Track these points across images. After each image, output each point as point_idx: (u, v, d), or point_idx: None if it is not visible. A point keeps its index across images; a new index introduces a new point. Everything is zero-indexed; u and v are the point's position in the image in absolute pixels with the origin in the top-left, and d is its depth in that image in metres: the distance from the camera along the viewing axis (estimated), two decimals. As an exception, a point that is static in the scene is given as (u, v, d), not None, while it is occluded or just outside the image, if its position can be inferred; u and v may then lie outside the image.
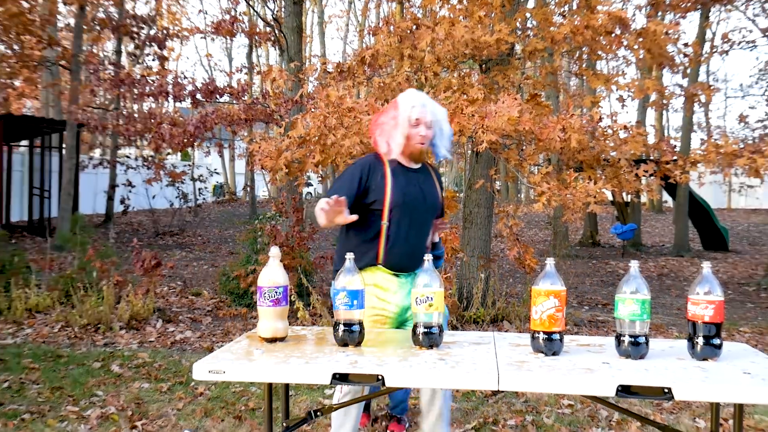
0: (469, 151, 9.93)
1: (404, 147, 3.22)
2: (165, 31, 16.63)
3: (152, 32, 16.11)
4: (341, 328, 2.56)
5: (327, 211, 2.92)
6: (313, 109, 6.43)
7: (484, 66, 7.67)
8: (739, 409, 2.35)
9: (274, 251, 2.66)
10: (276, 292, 2.59)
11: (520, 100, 6.03)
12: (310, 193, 41.93)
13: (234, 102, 13.51)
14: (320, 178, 7.23)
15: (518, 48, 7.76)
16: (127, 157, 19.32)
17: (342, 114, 6.04)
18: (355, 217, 3.01)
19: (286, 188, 9.38)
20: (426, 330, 2.53)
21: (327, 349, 2.54)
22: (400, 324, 3.27)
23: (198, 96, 12.38)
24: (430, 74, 7.27)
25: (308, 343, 2.65)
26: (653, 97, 7.79)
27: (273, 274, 2.61)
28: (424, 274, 2.55)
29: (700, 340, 2.38)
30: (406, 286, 3.24)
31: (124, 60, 19.81)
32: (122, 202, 18.13)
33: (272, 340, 2.62)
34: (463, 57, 7.29)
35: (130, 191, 17.78)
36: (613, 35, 6.94)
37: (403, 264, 3.23)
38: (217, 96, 12.59)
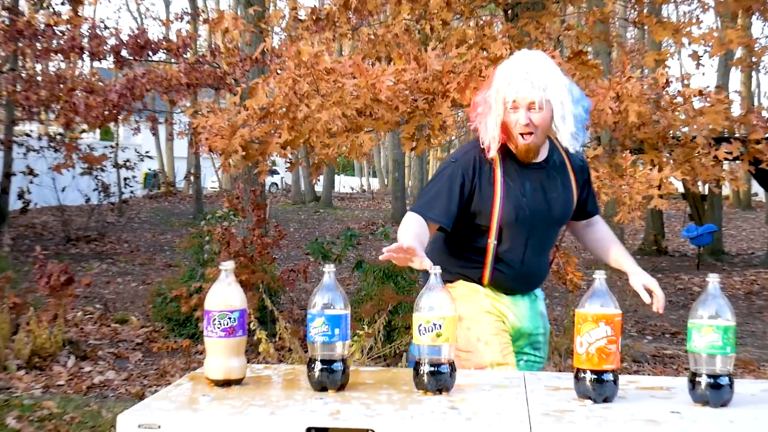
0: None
1: (504, 141, 3.09)
2: (78, -35, 16.59)
3: (61, -34, 16.06)
4: (318, 366, 2.56)
5: (395, 259, 2.80)
6: (278, 71, 6.42)
7: (510, 12, 7.68)
8: None
9: (228, 263, 2.66)
10: (229, 319, 2.59)
11: (560, 58, 6.04)
12: (276, 184, 42.00)
13: (172, 61, 13.50)
14: (288, 164, 7.22)
15: (556, -13, 7.79)
16: (27, 135, 19.25)
17: (318, 77, 6.03)
18: (429, 266, 2.73)
19: (243, 177, 9.37)
20: (432, 368, 2.53)
21: (299, 394, 2.54)
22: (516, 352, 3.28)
23: (123, 53, 12.37)
24: (437, 23, 7.27)
25: (274, 387, 2.64)
26: (738, 53, 7.80)
27: (225, 295, 2.60)
28: (430, 294, 2.55)
29: (803, 381, 2.38)
30: (523, 304, 3.30)
31: (23, 4, 19.75)
32: (21, 196, 18.08)
33: (225, 383, 2.62)
34: (482, 0, 7.30)
35: (31, 182, 17.72)
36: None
37: (516, 288, 3.28)
38: (150, 53, 12.59)
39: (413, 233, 2.97)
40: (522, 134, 3.02)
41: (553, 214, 3.19)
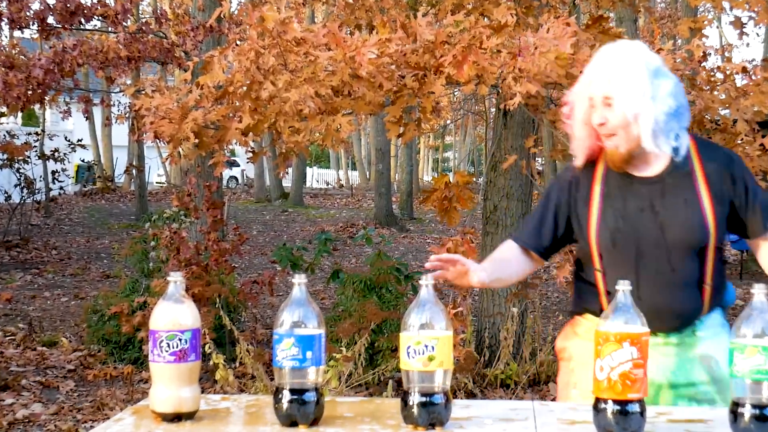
0: (493, 110, 9.95)
1: (593, 148, 3.13)
2: None
3: None
4: (287, 396, 2.56)
5: (446, 274, 2.97)
6: (238, 42, 6.41)
7: (516, -29, 7.70)
8: None
9: (177, 274, 2.65)
10: (180, 341, 2.59)
11: (576, 26, 6.06)
12: (236, 179, 41.96)
13: (109, 30, 13.46)
14: (251, 154, 7.21)
15: (571, -59, 7.81)
16: (-66, 120, 19.20)
17: (286, 49, 6.03)
18: (483, 281, 3.00)
19: (196, 171, 9.36)
20: (424, 399, 2.54)
21: (264, 430, 2.54)
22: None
23: (50, 20, 12.32)
24: (428, -16, 7.29)
25: (234, 422, 2.64)
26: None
27: (175, 312, 2.60)
28: (420, 309, 2.56)
29: None
30: (665, 349, 3.17)
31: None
32: (-74, 193, 18.01)
33: (175, 418, 2.62)
34: (482, -44, 7.32)
35: (-62, 176, 17.66)
36: None
37: (653, 328, 3.10)
38: (82, 20, 12.54)
39: (492, 256, 3.27)
40: (603, 136, 3.04)
41: (669, 238, 3.09)
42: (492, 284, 3.17)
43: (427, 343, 2.52)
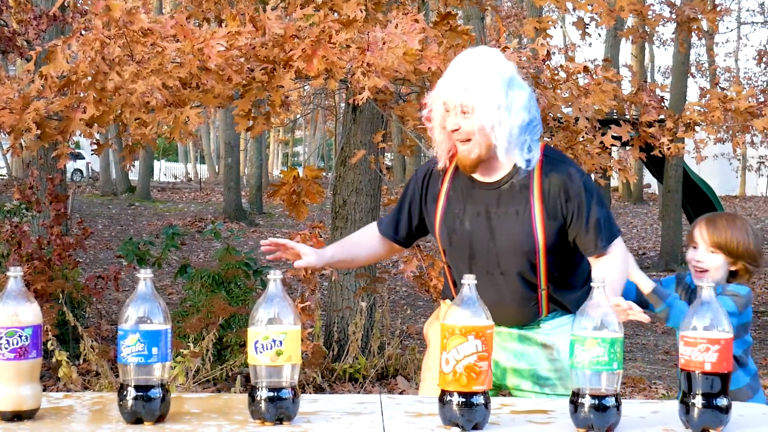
0: (342, 105, 9.98)
1: (450, 150, 3.24)
2: None
3: None
4: (132, 393, 2.53)
5: (277, 254, 3.27)
6: (83, 31, 6.29)
7: (366, -34, 7.74)
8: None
9: (17, 269, 2.60)
10: (20, 337, 2.53)
11: (424, 23, 6.12)
12: (80, 171, 41.09)
13: (-53, 16, 13.04)
14: (96, 146, 7.08)
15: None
16: None
17: (132, 39, 5.94)
18: (310, 260, 3.26)
19: (39, 163, 9.13)
20: (272, 394, 2.53)
21: (108, 428, 2.51)
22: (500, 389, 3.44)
23: None
24: (278, -23, 7.26)
25: (77, 420, 2.60)
26: (629, 22, 8.09)
27: (14, 308, 2.55)
28: (268, 304, 2.55)
29: (698, 401, 2.49)
30: (507, 335, 3.34)
31: None
32: None
33: (14, 417, 2.56)
34: (332, -50, 7.33)
35: None
36: None
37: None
38: None
39: (343, 242, 3.58)
40: (456, 141, 3.15)
41: (498, 244, 3.22)
42: (335, 265, 3.54)
43: (275, 338, 2.52)
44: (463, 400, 2.48)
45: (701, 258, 3.28)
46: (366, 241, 3.54)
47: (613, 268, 3.18)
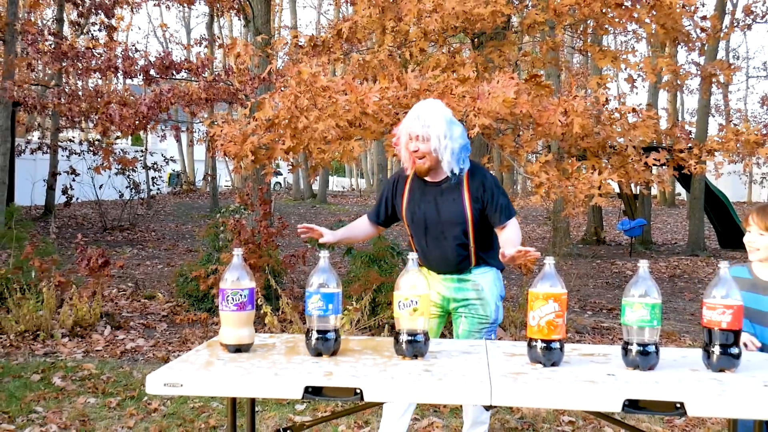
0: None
1: (411, 163, 3.55)
2: (114, -2, 16.47)
3: (99, -2, 15.95)
4: (314, 335, 2.56)
5: (307, 234, 3.59)
6: (282, 88, 6.41)
7: (476, 41, 7.68)
8: (760, 426, 2.38)
9: (239, 250, 2.66)
10: (240, 295, 2.59)
11: (517, 80, 6.05)
12: (279, 183, 41.88)
13: (193, 79, 13.43)
14: (290, 167, 7.22)
15: (515, 21, 7.79)
16: (71, 141, 19.11)
17: (315, 93, 6.02)
18: (327, 239, 3.62)
19: (252, 178, 9.35)
20: (410, 338, 2.54)
21: (298, 359, 2.54)
22: (448, 314, 3.78)
23: (151, 72, 12.30)
24: (415, 50, 7.28)
25: (277, 353, 2.64)
26: (666, 77, 7.85)
27: (237, 275, 2.61)
28: (407, 275, 2.56)
29: (717, 349, 2.41)
30: (450, 278, 3.67)
31: (67, 30, 19.61)
32: (65, 192, 17.96)
33: (236, 349, 2.62)
34: (453, 31, 7.30)
35: (73, 180, 17.60)
36: (623, 7, 6.98)
37: (433, 268, 3.71)
38: (174, 72, 12.52)
39: (347, 226, 3.90)
40: (415, 158, 3.50)
41: (442, 217, 3.57)
42: (343, 241, 3.88)
43: (412, 299, 2.53)
44: (544, 345, 2.45)
45: (752, 239, 3.09)
46: (361, 225, 3.89)
47: (511, 233, 3.54)
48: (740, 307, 2.41)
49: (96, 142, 17.17)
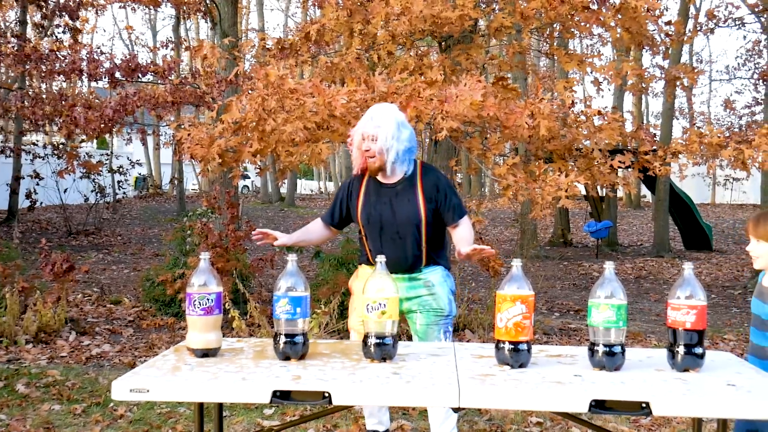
0: (427, 140, 9.97)
1: (363, 163, 3.65)
2: (78, -1, 16.27)
3: None
4: (282, 339, 2.56)
5: (263, 240, 3.73)
6: (250, 91, 6.38)
7: (444, 44, 7.71)
8: (723, 425, 2.41)
9: (206, 253, 2.65)
10: (208, 300, 2.58)
11: (485, 83, 6.08)
12: (247, 187, 41.67)
13: (159, 82, 13.32)
14: (258, 170, 7.19)
15: (482, 24, 7.83)
16: (34, 144, 18.84)
17: (283, 96, 6.01)
18: (281, 242, 3.71)
19: (220, 181, 9.29)
20: (378, 341, 2.54)
21: (266, 363, 2.53)
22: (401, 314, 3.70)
23: (117, 74, 12.17)
24: (383, 53, 7.28)
25: (245, 357, 2.63)
26: (631, 80, 7.95)
27: (204, 279, 2.60)
28: (376, 278, 2.56)
29: (681, 349, 2.44)
30: (401, 279, 3.69)
31: (30, 32, 19.35)
32: (28, 196, 17.70)
33: (204, 354, 2.60)
34: (421, 34, 7.32)
35: (37, 184, 17.36)
36: (589, 9, 7.04)
37: (391, 269, 3.56)
38: (140, 75, 12.40)
39: (302, 229, 3.97)
40: (367, 157, 3.61)
41: (398, 217, 3.67)
42: (296, 244, 3.91)
43: (381, 302, 2.53)
44: (512, 347, 2.47)
45: (750, 249, 3.11)
46: (316, 228, 3.95)
47: (464, 231, 3.69)
48: (704, 308, 2.44)
49: (60, 146, 16.95)
